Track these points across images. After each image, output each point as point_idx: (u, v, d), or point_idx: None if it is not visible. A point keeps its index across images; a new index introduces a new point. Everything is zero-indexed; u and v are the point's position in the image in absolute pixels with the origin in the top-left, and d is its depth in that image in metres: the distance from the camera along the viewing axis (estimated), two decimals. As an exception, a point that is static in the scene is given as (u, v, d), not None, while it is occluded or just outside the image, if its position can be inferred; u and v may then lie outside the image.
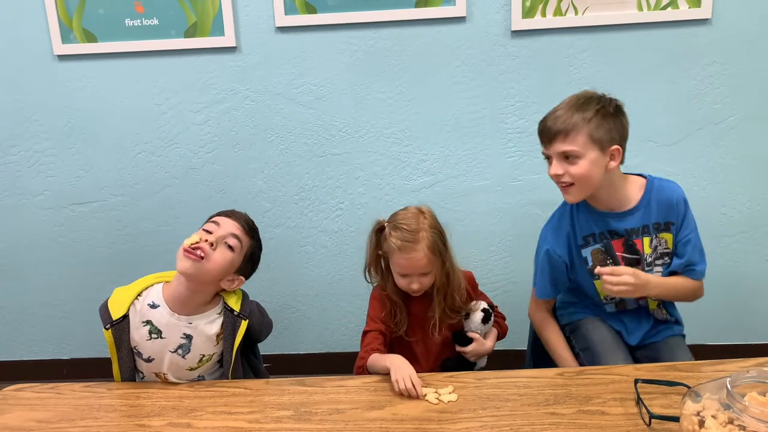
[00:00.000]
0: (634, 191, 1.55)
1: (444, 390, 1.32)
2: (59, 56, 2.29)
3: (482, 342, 1.64)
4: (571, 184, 1.47)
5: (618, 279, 1.42)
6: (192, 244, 1.39)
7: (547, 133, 1.48)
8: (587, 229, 1.56)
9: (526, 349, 1.94)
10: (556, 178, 1.47)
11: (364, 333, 1.61)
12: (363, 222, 2.39)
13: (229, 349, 1.46)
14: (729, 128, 2.24)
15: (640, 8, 2.14)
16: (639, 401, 1.21)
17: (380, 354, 1.49)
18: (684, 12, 2.13)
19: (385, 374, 1.40)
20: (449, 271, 1.58)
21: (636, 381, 1.26)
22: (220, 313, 1.47)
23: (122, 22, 2.25)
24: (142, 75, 2.30)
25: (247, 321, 1.47)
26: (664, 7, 2.14)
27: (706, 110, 2.23)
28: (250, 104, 2.31)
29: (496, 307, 1.76)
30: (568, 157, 1.46)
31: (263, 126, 2.33)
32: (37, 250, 2.48)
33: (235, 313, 1.46)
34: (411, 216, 1.55)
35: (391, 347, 1.62)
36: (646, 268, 1.55)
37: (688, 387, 1.17)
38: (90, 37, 2.27)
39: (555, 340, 1.66)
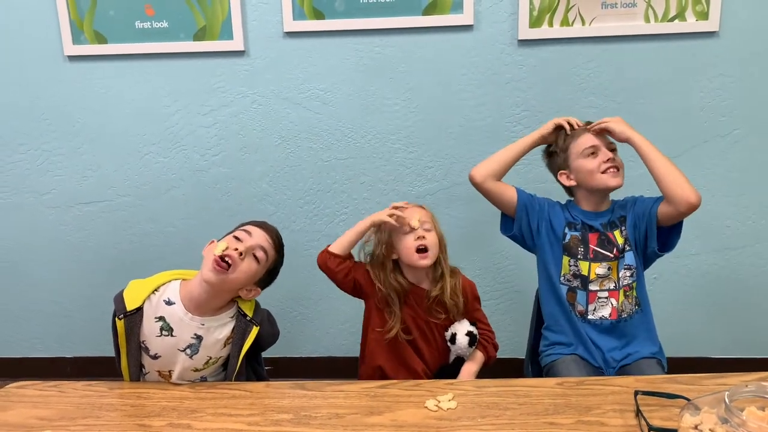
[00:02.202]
0: (607, 198, 1.79)
1: (443, 397, 1.33)
2: (69, 57, 2.31)
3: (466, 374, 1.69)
4: (618, 169, 1.70)
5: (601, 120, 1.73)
6: (222, 252, 1.40)
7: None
8: (572, 218, 1.76)
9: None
10: (611, 162, 1.68)
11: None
12: (367, 227, 2.40)
13: (236, 353, 1.47)
14: (735, 141, 2.24)
15: (648, 20, 2.15)
16: (638, 413, 1.21)
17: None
18: (691, 24, 2.14)
19: (358, 238, 1.66)
20: (444, 245, 1.68)
21: (636, 392, 1.26)
22: (232, 317, 1.48)
23: (132, 25, 2.27)
24: (150, 77, 2.32)
25: (258, 328, 1.48)
26: (672, 20, 2.14)
27: (713, 122, 2.23)
28: (257, 108, 2.33)
29: (493, 333, 1.75)
30: (612, 150, 1.72)
31: (270, 130, 2.34)
32: (43, 249, 2.50)
33: (248, 318, 1.48)
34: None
35: (391, 346, 1.65)
36: (620, 255, 1.70)
37: (688, 400, 1.17)
38: (100, 39, 2.29)
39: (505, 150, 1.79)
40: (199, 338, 1.45)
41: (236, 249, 1.41)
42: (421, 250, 1.60)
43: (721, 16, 2.13)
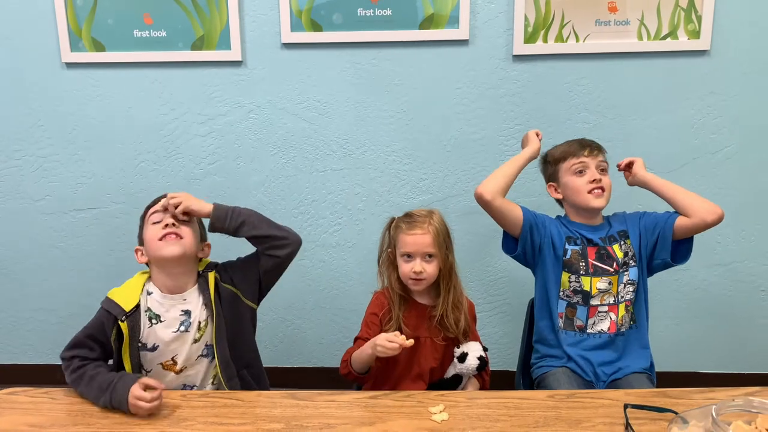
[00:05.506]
0: (599, 213, 1.80)
1: (435, 408, 1.33)
2: (67, 64, 2.32)
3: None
4: (603, 190, 1.71)
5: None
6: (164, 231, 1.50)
7: (593, 146, 1.75)
8: (570, 232, 1.76)
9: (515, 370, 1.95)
10: (596, 183, 1.70)
11: (355, 339, 1.66)
12: (361, 238, 2.41)
13: (210, 302, 1.53)
14: (725, 158, 2.27)
15: (640, 38, 2.18)
16: (628, 426, 1.22)
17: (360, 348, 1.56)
18: (683, 43, 2.17)
19: (370, 361, 1.53)
20: (452, 267, 1.64)
21: (625, 406, 1.27)
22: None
23: (131, 33, 2.28)
24: (148, 85, 2.33)
25: (214, 272, 1.57)
26: (664, 38, 2.18)
27: (703, 140, 2.26)
28: (253, 118, 2.34)
29: (487, 358, 1.70)
30: (602, 170, 1.73)
31: (266, 140, 2.35)
32: (37, 255, 2.49)
33: (199, 272, 1.58)
34: (422, 210, 1.67)
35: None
36: (620, 269, 1.71)
37: (676, 413, 1.18)
38: (98, 47, 2.30)
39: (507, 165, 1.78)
40: (188, 313, 1.52)
41: (166, 225, 1.51)
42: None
43: (712, 35, 2.16)
